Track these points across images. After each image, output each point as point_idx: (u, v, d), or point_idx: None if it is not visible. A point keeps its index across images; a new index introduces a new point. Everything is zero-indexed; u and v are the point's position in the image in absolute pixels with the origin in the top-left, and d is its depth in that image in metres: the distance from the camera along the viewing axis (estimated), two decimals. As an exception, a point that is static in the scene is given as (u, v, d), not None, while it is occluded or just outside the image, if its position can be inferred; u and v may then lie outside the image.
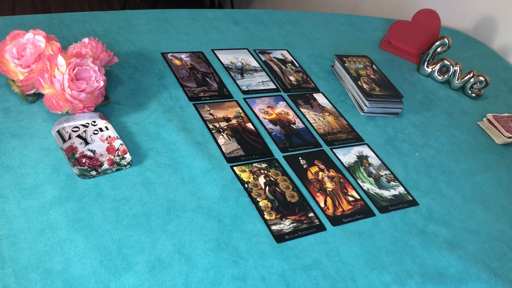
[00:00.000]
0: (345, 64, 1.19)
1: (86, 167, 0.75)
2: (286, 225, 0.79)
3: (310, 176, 0.90)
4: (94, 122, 0.82)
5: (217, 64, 1.11)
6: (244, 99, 1.03)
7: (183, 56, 1.09)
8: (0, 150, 0.75)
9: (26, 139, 0.78)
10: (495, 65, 1.52)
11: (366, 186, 0.92)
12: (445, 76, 1.32)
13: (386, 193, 0.92)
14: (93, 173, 0.76)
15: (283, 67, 1.18)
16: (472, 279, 0.80)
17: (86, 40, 0.87)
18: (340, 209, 0.85)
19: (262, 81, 1.10)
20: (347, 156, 0.97)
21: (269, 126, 0.98)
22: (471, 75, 1.29)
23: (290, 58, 1.22)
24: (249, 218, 0.78)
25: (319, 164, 0.93)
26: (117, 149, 0.79)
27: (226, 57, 1.14)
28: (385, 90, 1.14)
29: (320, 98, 1.12)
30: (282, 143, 0.95)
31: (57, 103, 0.79)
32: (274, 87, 1.10)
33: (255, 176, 0.86)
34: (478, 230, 0.90)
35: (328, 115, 1.07)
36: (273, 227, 0.78)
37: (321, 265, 0.74)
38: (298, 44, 1.30)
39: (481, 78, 1.28)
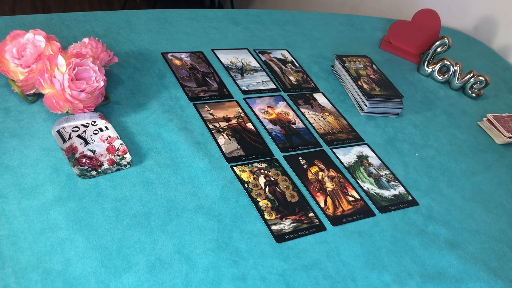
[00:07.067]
0: (345, 64, 1.19)
1: (86, 167, 0.75)
2: (286, 225, 0.79)
3: (310, 176, 0.90)
4: (94, 122, 0.82)
5: (217, 64, 1.11)
6: (244, 99, 1.03)
7: (183, 56, 1.09)
8: (0, 150, 0.75)
9: (26, 139, 0.78)
10: (495, 65, 1.52)
11: (366, 186, 0.92)
12: (445, 76, 1.32)
13: (386, 193, 0.92)
14: (93, 173, 0.76)
15: (283, 67, 1.18)
16: (472, 279, 0.80)
17: (86, 40, 0.87)
18: (340, 209, 0.85)
19: (262, 81, 1.10)
20: (347, 156, 0.97)
21: (269, 126, 0.98)
22: (471, 75, 1.29)
23: (290, 58, 1.22)
24: (249, 218, 0.78)
25: (319, 164, 0.93)
26: (117, 149, 0.79)
27: (226, 57, 1.14)
28: (385, 90, 1.14)
29: (320, 98, 1.12)
30: (282, 143, 0.95)
31: (57, 103, 0.79)
32: (274, 87, 1.10)
33: (255, 176, 0.86)
34: (478, 230, 0.90)
35: (328, 115, 1.07)
36: (273, 227, 0.78)
37: (321, 265, 0.74)
38: (298, 44, 1.30)
39: (481, 78, 1.28)
